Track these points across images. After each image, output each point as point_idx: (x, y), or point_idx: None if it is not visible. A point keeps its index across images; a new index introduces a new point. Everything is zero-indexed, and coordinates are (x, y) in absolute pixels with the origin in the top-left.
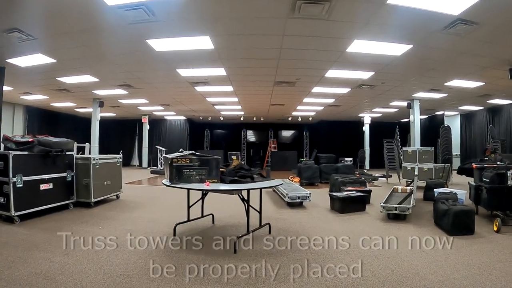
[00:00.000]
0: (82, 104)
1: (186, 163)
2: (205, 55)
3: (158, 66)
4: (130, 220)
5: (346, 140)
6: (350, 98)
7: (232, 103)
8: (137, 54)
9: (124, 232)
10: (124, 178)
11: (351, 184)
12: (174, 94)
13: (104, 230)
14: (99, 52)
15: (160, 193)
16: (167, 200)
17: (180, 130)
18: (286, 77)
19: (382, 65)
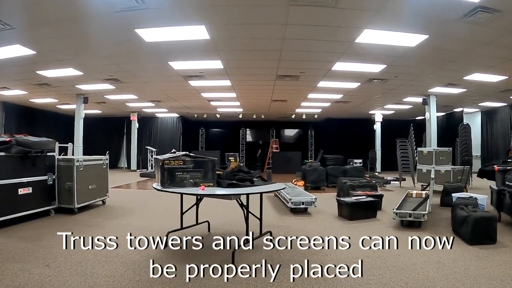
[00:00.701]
0: (65, 100)
1: (179, 165)
2: (200, 46)
3: (148, 58)
4: (117, 227)
5: (355, 140)
6: (360, 93)
7: (229, 99)
8: (125, 45)
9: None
10: (111, 182)
11: (361, 188)
12: (166, 89)
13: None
14: (83, 43)
15: (150, 198)
16: (158, 206)
17: (172, 129)
18: (289, 70)
19: (395, 57)
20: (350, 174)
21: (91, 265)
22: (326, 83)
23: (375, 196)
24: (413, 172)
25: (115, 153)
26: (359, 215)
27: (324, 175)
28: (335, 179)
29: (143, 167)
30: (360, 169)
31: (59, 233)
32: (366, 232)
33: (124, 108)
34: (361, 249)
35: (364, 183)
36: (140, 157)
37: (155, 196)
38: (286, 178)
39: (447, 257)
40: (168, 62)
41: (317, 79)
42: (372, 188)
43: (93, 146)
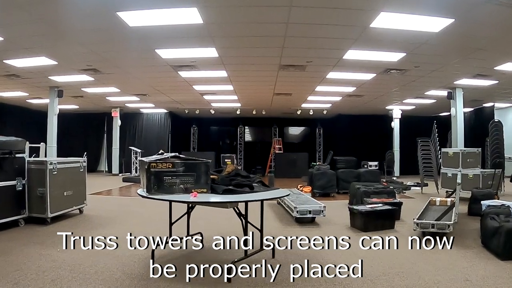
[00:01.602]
0: (36, 93)
1: (168, 168)
2: (191, 31)
3: (132, 46)
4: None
5: (370, 139)
6: (375, 86)
7: (226, 92)
8: (106, 30)
9: (88, 255)
10: (90, 187)
11: (377, 195)
12: (152, 81)
13: (62, 253)
14: (58, 28)
15: (134, 206)
16: (143, 215)
17: (160, 126)
18: (294, 59)
19: (416, 45)
20: (364, 178)
21: (67, 283)
22: (336, 74)
23: (393, 204)
24: (437, 176)
25: (94, 155)
26: (375, 225)
27: (334, 180)
28: (347, 185)
29: (126, 170)
30: (375, 173)
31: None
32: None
33: (104, 102)
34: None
35: (380, 189)
36: (122, 159)
37: (140, 204)
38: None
39: (476, 274)
40: (155, 50)
41: (326, 70)
42: (389, 194)
43: (69, 146)
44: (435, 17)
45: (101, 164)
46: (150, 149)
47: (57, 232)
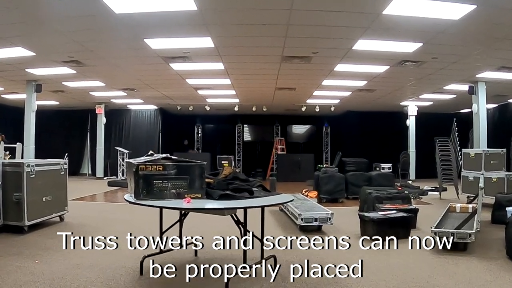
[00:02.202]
0: (12, 88)
1: (158, 171)
2: (184, 19)
3: (118, 35)
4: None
5: (382, 139)
6: (389, 79)
7: (222, 86)
8: (89, 17)
9: (70, 267)
10: (71, 193)
11: (390, 201)
12: (141, 74)
13: (41, 265)
14: (36, 15)
15: (121, 213)
16: (131, 223)
17: (149, 125)
18: (299, 50)
19: (434, 33)
20: (376, 182)
21: None
22: (345, 67)
23: (408, 211)
24: (457, 180)
25: (76, 156)
26: (388, 234)
27: (343, 184)
28: (357, 189)
29: (111, 173)
30: (388, 176)
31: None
32: (396, 256)
33: (87, 98)
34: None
35: (394, 194)
36: (108, 161)
37: (127, 210)
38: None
39: None
40: (144, 40)
41: (334, 62)
42: (404, 200)
43: (49, 147)
44: (455, 3)
45: (84, 167)
46: (139, 149)
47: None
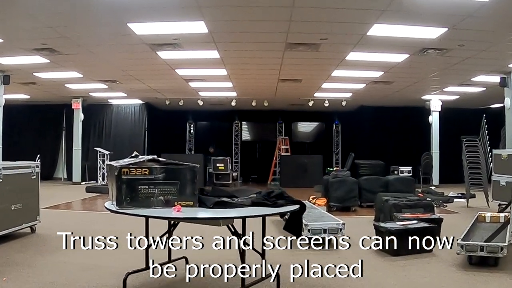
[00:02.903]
0: None
1: (144, 175)
2: (174, 0)
3: (98, 19)
4: (52, 267)
5: (401, 138)
6: (409, 70)
7: (217, 78)
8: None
9: (43, 285)
10: (44, 200)
11: (410, 210)
12: (124, 64)
13: (10, 284)
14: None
15: (101, 223)
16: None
17: (134, 122)
18: (305, 36)
19: (461, 17)
20: (394, 188)
21: None
22: (358, 55)
23: (430, 221)
24: (487, 185)
25: (50, 158)
26: (408, 248)
27: (356, 190)
28: (372, 196)
29: (90, 178)
30: (408, 181)
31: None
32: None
33: (63, 91)
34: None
35: (414, 201)
36: (86, 163)
37: (109, 220)
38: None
39: None
40: (127, 25)
41: (345, 49)
42: (426, 208)
43: (18, 147)
44: None
45: (58, 170)
46: (122, 150)
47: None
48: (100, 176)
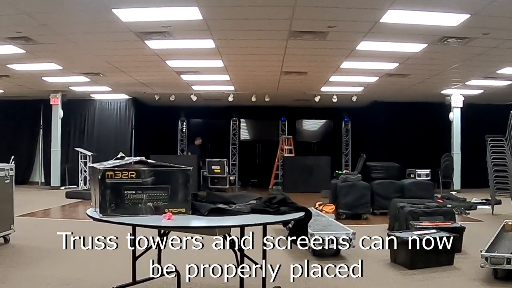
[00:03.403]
0: None
1: (131, 178)
2: None
3: (80, 4)
4: (29, 282)
5: (418, 138)
6: (427, 61)
7: (213, 70)
8: None
9: None
10: (19, 206)
11: (429, 217)
12: (108, 55)
13: None
14: None
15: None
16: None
17: (119, 119)
18: (311, 23)
19: (485, 2)
20: (411, 193)
21: None
22: (371, 45)
23: (451, 230)
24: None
25: (25, 159)
26: (426, 261)
27: (368, 196)
28: (385, 202)
29: (71, 182)
30: (426, 185)
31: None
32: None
33: (40, 85)
34: None
35: (433, 208)
36: (66, 166)
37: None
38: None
39: None
40: (112, 10)
41: (356, 38)
42: (446, 216)
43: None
44: None
45: (35, 173)
46: (106, 151)
47: None
48: (82, 180)
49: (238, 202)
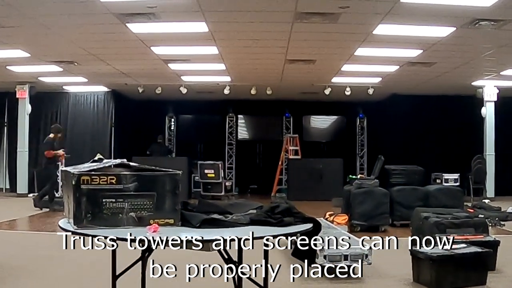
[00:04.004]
0: None
1: (110, 184)
2: None
3: None
4: None
5: (445, 137)
6: (455, 47)
7: (206, 58)
8: None
9: None
10: None
11: (457, 230)
12: (84, 40)
13: None
14: None
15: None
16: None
17: (97, 115)
18: (320, 3)
19: None
20: (437, 201)
21: None
22: (389, 28)
23: (484, 244)
24: None
25: None
26: (454, 280)
27: (387, 204)
28: (407, 212)
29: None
30: (455, 192)
31: None
32: None
33: (4, 75)
34: None
35: (463, 219)
36: (34, 169)
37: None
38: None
39: None
40: None
41: (372, 21)
42: (478, 228)
43: None
44: None
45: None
46: (81, 152)
47: None
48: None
49: (235, 212)
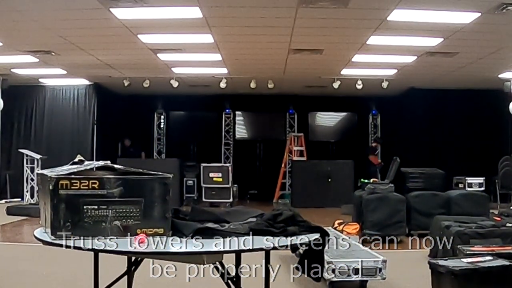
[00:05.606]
0: None
1: (92, 189)
2: None
3: None
4: None
5: (468, 136)
6: (480, 36)
7: (200, 47)
8: None
9: None
10: None
11: (483, 240)
12: (63, 27)
13: None
14: None
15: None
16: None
17: (77, 112)
18: None
19: None
20: (459, 209)
21: None
22: (406, 14)
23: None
24: None
25: None
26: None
27: (403, 212)
28: (426, 220)
29: (13, 194)
30: (479, 198)
31: None
32: None
33: None
34: None
35: (488, 228)
36: (7, 172)
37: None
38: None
39: None
40: None
41: (387, 5)
42: (505, 239)
43: None
44: None
45: None
46: (59, 153)
47: None
48: (28, 191)
49: (232, 220)
